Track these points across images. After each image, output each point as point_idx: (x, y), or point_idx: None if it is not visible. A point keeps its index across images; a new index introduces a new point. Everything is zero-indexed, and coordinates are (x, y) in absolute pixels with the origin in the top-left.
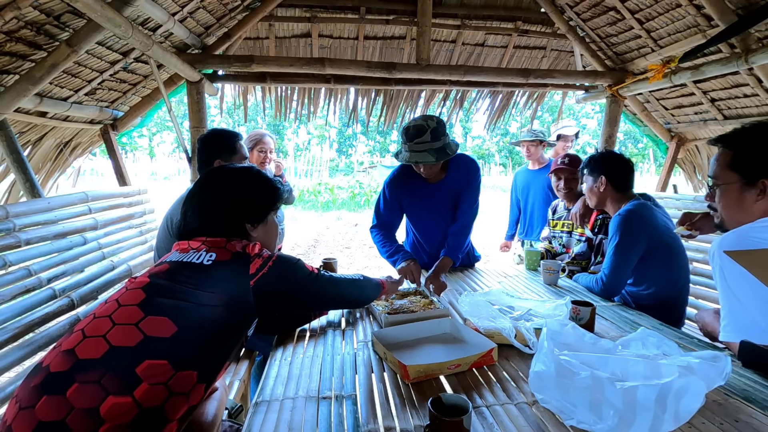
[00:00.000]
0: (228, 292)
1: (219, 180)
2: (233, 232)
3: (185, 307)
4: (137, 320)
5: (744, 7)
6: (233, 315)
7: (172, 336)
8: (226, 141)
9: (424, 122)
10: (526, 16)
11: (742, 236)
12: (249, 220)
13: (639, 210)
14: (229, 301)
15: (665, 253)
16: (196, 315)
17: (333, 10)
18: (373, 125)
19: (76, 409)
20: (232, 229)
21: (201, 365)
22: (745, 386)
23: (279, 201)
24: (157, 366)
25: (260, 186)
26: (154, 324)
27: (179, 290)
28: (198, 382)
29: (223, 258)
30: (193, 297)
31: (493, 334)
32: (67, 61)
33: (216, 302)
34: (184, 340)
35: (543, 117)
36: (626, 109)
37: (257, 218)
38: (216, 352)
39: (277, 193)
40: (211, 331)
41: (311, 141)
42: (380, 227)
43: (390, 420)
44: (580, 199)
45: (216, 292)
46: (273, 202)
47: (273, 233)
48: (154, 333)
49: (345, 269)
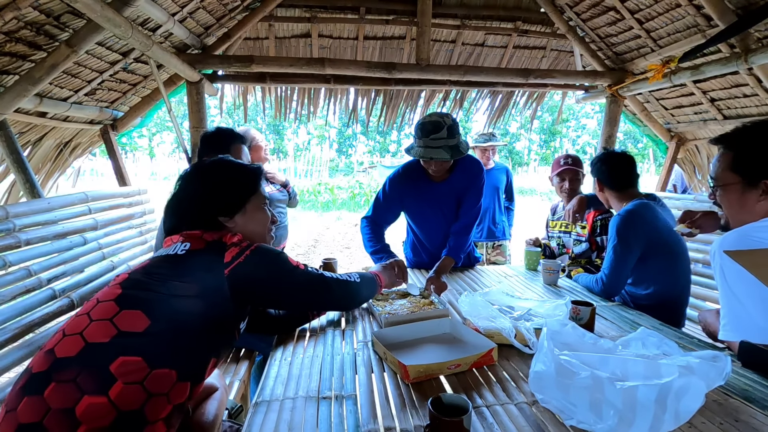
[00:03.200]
0: (201, 282)
1: (190, 175)
2: (209, 226)
3: (157, 298)
4: (112, 315)
5: (744, 7)
6: (209, 306)
7: (146, 330)
8: (219, 141)
9: (441, 119)
10: (526, 16)
11: (743, 236)
12: (223, 212)
13: (639, 210)
14: (202, 292)
15: (666, 254)
16: (169, 307)
17: (333, 10)
18: (372, 125)
19: (52, 410)
20: (207, 223)
21: (178, 362)
22: (745, 386)
23: (255, 188)
24: (131, 363)
25: (230, 175)
26: (128, 318)
27: (153, 282)
28: (178, 381)
29: (197, 247)
30: (164, 287)
31: (493, 334)
32: (67, 62)
33: (189, 292)
34: (158, 335)
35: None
36: (626, 109)
37: (231, 209)
38: (194, 347)
39: (250, 179)
40: (186, 323)
41: (311, 141)
42: (374, 220)
43: (390, 420)
44: (576, 197)
45: (188, 282)
46: (248, 190)
47: (257, 222)
48: (128, 327)
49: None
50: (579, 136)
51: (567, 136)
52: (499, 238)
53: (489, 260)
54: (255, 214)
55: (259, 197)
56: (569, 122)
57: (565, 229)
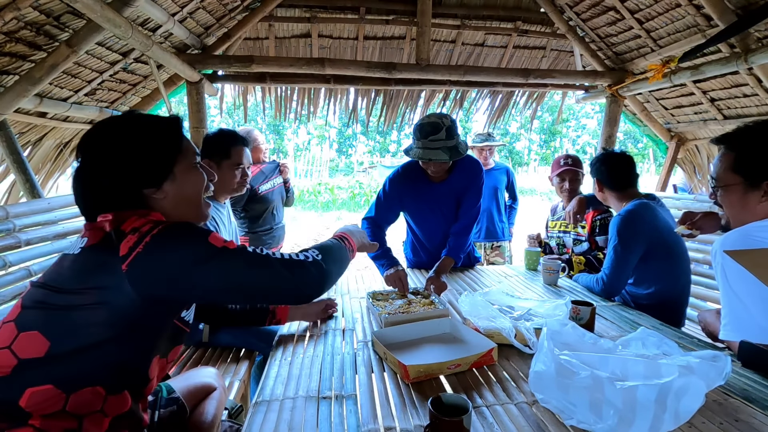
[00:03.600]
0: (98, 286)
1: (90, 142)
2: (129, 204)
3: (53, 315)
4: (11, 341)
5: (744, 7)
6: (114, 314)
7: (47, 354)
8: (221, 142)
9: (439, 120)
10: (526, 16)
11: (744, 235)
12: (146, 182)
13: (639, 210)
14: (101, 298)
15: (666, 254)
16: (68, 322)
17: (333, 11)
18: (372, 125)
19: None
20: (129, 201)
21: (100, 378)
22: (745, 386)
23: (179, 142)
24: (41, 393)
25: (144, 132)
26: (27, 342)
27: (49, 294)
28: (110, 394)
29: (93, 241)
30: (60, 299)
31: (493, 334)
32: (67, 62)
33: (87, 301)
34: (63, 357)
35: (543, 117)
36: (626, 109)
37: (156, 176)
38: (115, 359)
39: (171, 131)
40: (93, 336)
41: (311, 141)
42: (375, 221)
43: (390, 420)
44: (575, 197)
45: (84, 290)
46: (171, 146)
47: (193, 185)
48: (28, 354)
49: None
50: (579, 136)
51: (567, 136)
52: (499, 238)
53: (488, 261)
54: (188, 176)
55: (188, 155)
56: (569, 122)
57: (565, 229)
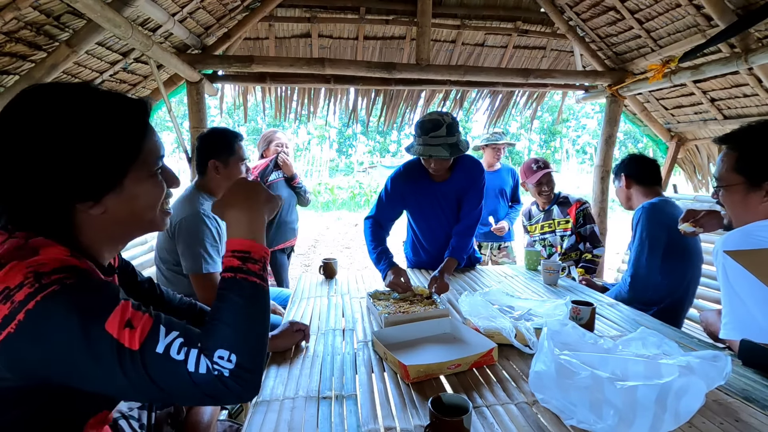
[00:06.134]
0: None
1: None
2: (37, 220)
3: None
4: None
5: (744, 7)
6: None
7: None
8: (223, 140)
9: (440, 117)
10: (526, 16)
11: (746, 235)
12: (80, 194)
13: (662, 205)
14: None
15: (680, 253)
16: None
17: (333, 11)
18: (373, 125)
19: None
20: (35, 216)
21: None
22: (745, 386)
23: (140, 142)
24: None
25: (93, 120)
26: None
27: None
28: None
29: None
30: None
31: (493, 334)
32: (67, 62)
33: None
34: None
35: (543, 117)
36: (626, 109)
37: (96, 187)
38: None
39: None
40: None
41: (311, 141)
42: (377, 220)
43: (390, 420)
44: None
45: None
46: (129, 146)
47: (146, 200)
48: None
49: (345, 269)
50: (579, 136)
51: (567, 136)
52: (505, 239)
53: (495, 262)
54: (142, 187)
55: (148, 158)
56: (569, 122)
57: (549, 229)
